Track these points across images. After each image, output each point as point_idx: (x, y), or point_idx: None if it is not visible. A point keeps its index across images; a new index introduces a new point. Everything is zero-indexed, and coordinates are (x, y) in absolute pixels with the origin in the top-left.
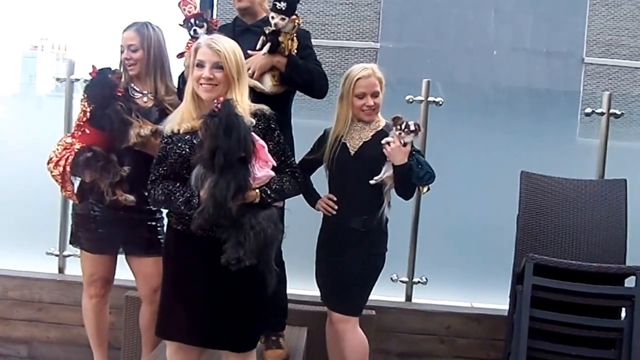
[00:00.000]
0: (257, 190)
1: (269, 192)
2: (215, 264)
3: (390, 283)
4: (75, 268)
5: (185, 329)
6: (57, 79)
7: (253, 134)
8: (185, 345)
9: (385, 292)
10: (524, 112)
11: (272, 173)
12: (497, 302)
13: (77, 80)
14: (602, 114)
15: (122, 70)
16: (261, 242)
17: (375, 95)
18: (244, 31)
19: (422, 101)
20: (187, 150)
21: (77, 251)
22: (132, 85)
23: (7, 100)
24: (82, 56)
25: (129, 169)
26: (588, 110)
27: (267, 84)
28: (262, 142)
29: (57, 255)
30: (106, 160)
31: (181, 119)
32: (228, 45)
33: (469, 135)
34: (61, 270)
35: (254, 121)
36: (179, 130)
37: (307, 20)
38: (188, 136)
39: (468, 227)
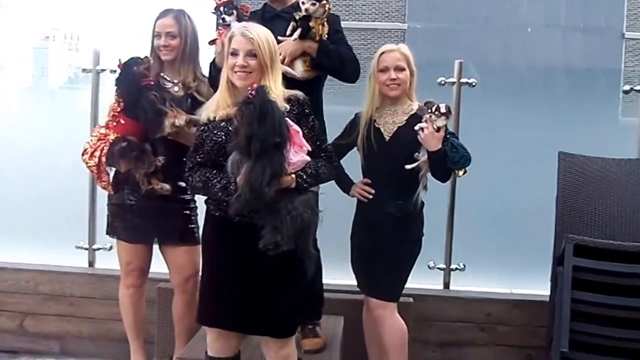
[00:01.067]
0: (293, 175)
1: (304, 177)
2: (254, 249)
3: (427, 270)
4: (105, 261)
5: (225, 315)
6: (83, 70)
7: (287, 119)
8: (226, 332)
9: (422, 280)
10: (561, 91)
11: (308, 158)
12: (538, 287)
13: (103, 70)
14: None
15: (152, 57)
16: (298, 227)
17: (398, 69)
18: (274, 17)
19: (454, 83)
20: (223, 137)
21: (107, 244)
22: (163, 74)
23: (21, 94)
24: (106, 46)
25: (164, 159)
26: (626, 87)
27: (299, 70)
28: (296, 127)
29: (86, 249)
30: (140, 150)
31: (217, 106)
32: (261, 33)
33: (505, 117)
34: (91, 264)
35: (287, 107)
36: (214, 117)
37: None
38: (223, 123)
39: (506, 210)
